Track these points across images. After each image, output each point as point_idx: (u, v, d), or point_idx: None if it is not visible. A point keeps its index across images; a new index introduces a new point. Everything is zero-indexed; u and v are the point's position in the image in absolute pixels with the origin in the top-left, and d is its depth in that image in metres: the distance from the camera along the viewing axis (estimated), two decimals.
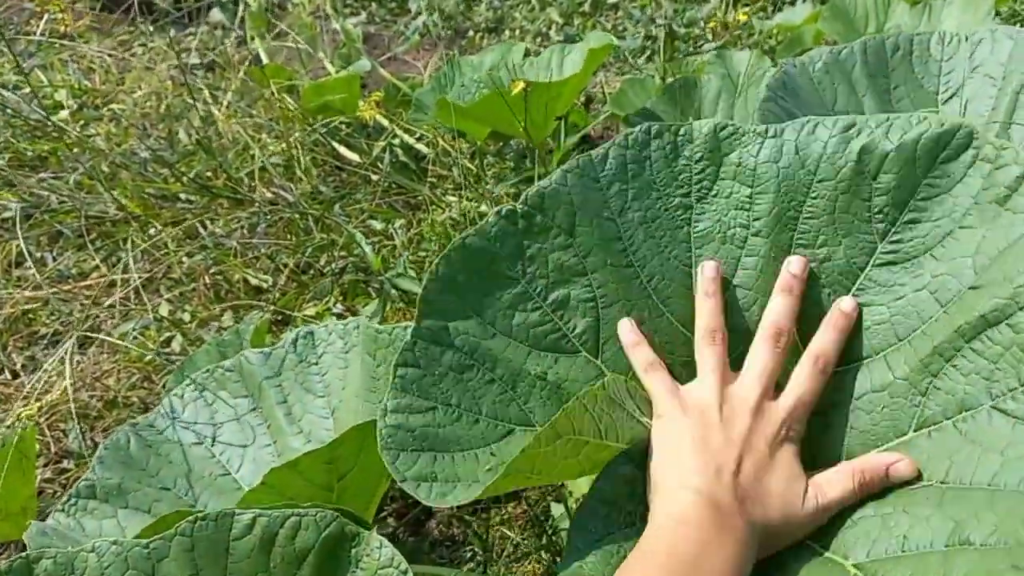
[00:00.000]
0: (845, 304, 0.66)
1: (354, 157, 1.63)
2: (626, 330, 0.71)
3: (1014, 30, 1.16)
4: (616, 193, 0.72)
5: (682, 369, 0.71)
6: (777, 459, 0.62)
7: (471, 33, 2.52)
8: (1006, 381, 0.56)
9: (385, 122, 1.64)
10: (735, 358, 0.69)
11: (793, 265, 0.68)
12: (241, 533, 0.58)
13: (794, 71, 1.15)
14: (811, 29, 1.87)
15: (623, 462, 0.64)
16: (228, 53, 2.11)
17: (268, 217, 1.45)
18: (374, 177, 1.54)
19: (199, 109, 1.73)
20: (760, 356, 0.66)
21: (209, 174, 1.62)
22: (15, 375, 1.34)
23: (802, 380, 0.65)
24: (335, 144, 1.64)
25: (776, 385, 0.66)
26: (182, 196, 1.60)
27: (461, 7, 2.65)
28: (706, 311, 0.69)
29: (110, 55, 2.07)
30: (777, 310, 0.67)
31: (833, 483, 0.61)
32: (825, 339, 0.66)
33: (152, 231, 1.46)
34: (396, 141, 1.59)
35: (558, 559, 1.05)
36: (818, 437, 0.67)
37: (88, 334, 1.33)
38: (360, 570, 0.57)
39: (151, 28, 2.16)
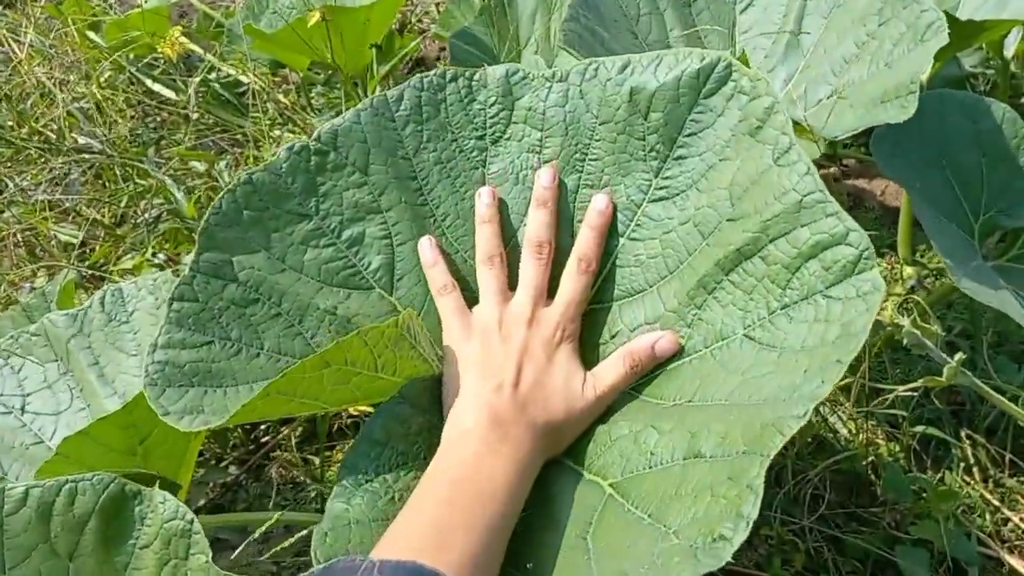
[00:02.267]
0: (599, 202, 0.69)
1: (171, 95, 1.54)
2: (425, 248, 0.73)
3: None
4: (411, 133, 0.72)
5: (474, 304, 0.73)
6: (555, 360, 0.65)
7: None
8: (757, 311, 0.60)
9: (205, 55, 1.56)
10: None
11: (544, 177, 0.70)
12: (15, 508, 0.57)
13: None
14: None
15: (398, 401, 0.66)
16: None
17: (79, 167, 1.36)
18: (193, 116, 1.47)
19: None
20: (527, 270, 0.69)
21: (11, 123, 1.50)
22: None
23: (569, 283, 0.68)
24: (148, 82, 1.55)
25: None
26: None
27: None
28: (484, 237, 0.71)
29: None
30: (534, 224, 0.70)
31: (607, 370, 0.65)
32: (584, 240, 0.69)
33: None
34: (212, 76, 1.51)
35: None
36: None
37: None
38: (146, 527, 0.58)
39: None
